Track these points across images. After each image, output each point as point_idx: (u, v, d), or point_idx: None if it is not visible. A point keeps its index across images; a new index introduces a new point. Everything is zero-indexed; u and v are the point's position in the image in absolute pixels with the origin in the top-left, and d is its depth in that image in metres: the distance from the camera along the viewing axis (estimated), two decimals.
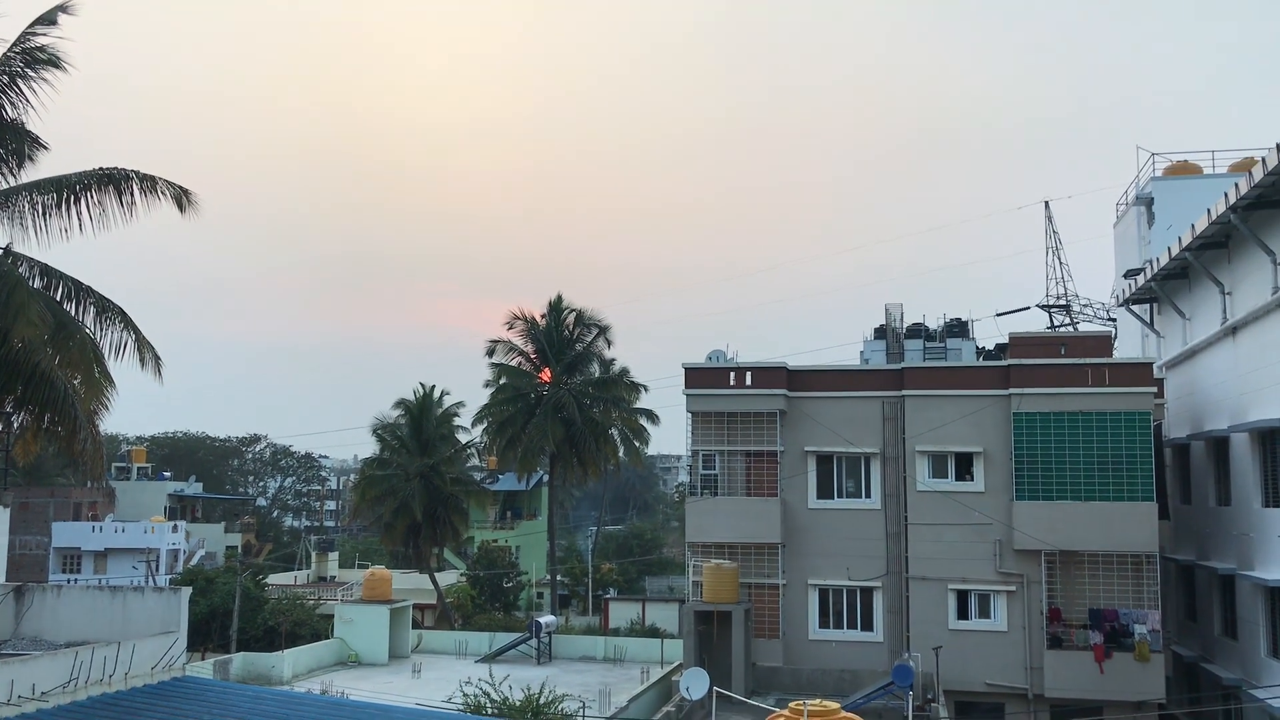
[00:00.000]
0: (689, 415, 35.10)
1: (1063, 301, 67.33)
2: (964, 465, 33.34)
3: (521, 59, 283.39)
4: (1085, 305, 66.74)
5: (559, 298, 53.22)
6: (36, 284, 20.47)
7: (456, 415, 56.01)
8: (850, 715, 15.40)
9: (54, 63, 20.50)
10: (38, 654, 12.76)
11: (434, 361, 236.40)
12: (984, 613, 32.70)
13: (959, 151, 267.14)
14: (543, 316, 53.11)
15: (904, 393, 33.78)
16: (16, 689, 11.76)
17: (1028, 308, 66.64)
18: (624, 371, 53.70)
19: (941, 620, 32.73)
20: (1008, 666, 32.15)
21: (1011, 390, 32.53)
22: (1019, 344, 33.90)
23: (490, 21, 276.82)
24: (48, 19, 20.39)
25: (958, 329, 37.50)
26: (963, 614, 32.83)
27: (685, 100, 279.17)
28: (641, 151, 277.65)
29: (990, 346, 38.53)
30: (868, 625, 33.78)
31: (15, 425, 20.05)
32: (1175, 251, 31.63)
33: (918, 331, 37.56)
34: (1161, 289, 35.31)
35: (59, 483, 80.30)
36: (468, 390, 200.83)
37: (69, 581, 61.78)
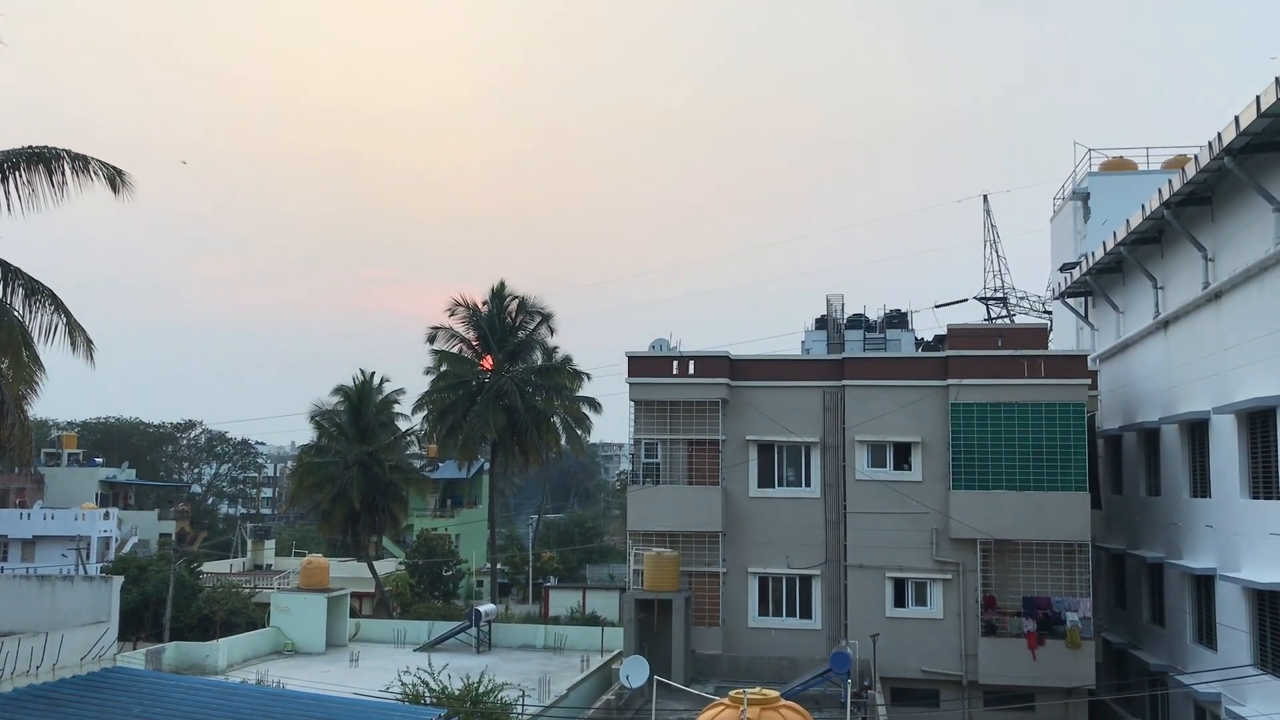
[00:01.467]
0: (632, 404, 35.10)
1: (1000, 294, 68.39)
2: (902, 455, 33.70)
3: (463, 47, 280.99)
4: (1022, 298, 67.86)
5: (501, 284, 52.95)
6: None
7: (397, 402, 55.50)
8: (789, 703, 15.50)
9: None
10: None
11: (374, 348, 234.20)
12: (920, 600, 33.12)
13: (901, 146, 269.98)
14: (485, 303, 52.79)
15: (844, 383, 34.05)
16: None
17: (966, 300, 67.64)
18: (567, 359, 53.58)
19: (879, 608, 33.10)
20: (943, 654, 32.60)
21: (950, 381, 32.93)
22: (957, 336, 34.33)
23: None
24: None
25: (897, 320, 37.91)
26: (900, 602, 33.22)
27: (636, 89, 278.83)
28: (590, 143, 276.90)
29: (929, 338, 39.02)
30: (806, 613, 34.06)
31: None
32: (1110, 246, 32.19)
33: (858, 322, 37.92)
34: (1096, 282, 35.93)
35: None
36: (410, 378, 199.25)
37: None
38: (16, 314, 20.43)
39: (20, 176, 20.28)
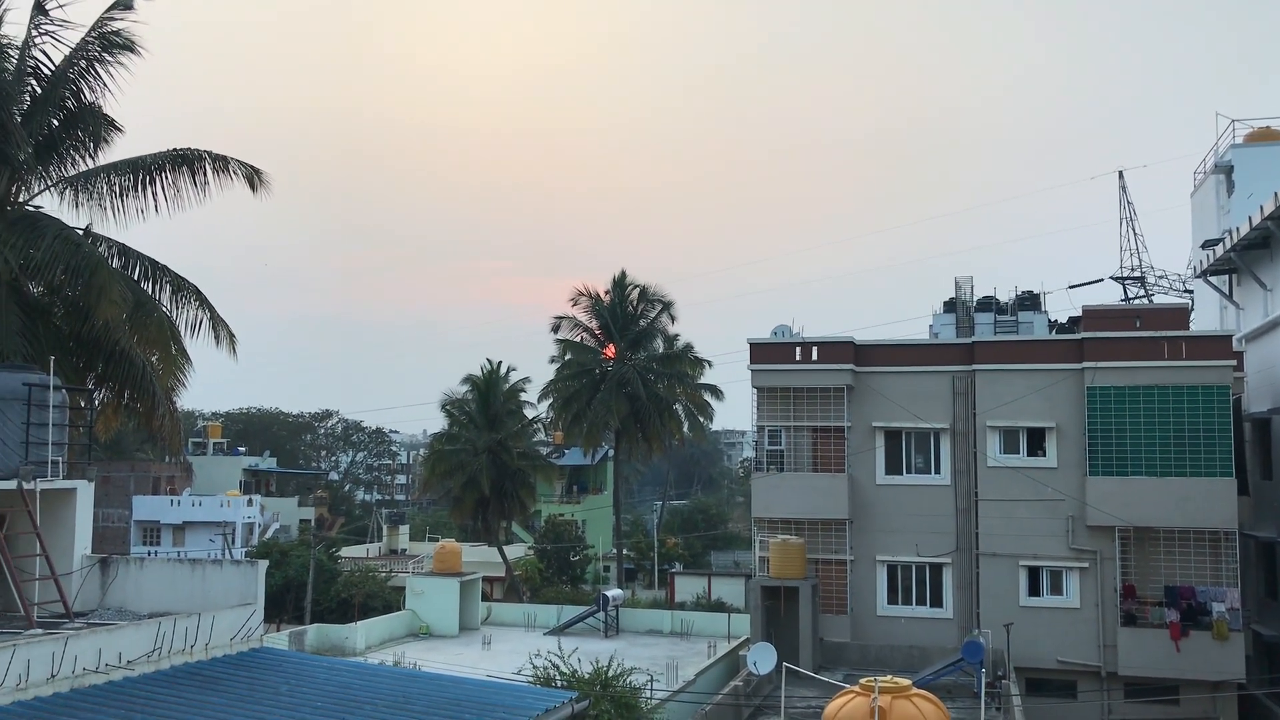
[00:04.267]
0: (754, 391, 34.96)
1: (1138, 273, 65.87)
2: (1036, 440, 32.84)
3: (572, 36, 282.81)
4: (1160, 277, 65.22)
5: (623, 274, 53.38)
6: (115, 264, 20.93)
7: (523, 391, 56.48)
8: (922, 691, 15.30)
9: (129, 47, 20.88)
10: (124, 624, 13.11)
11: (497, 338, 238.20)
12: (1056, 589, 32.26)
13: (1034, 122, 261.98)
14: (607, 293, 53.30)
15: (974, 367, 33.32)
16: (104, 657, 12.11)
17: (1101, 280, 65.30)
18: (688, 347, 53.78)
19: (1012, 597, 32.36)
20: (1080, 644, 31.71)
21: (1085, 364, 31.94)
22: (1093, 317, 33.23)
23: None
24: (123, 4, 20.74)
25: (1029, 302, 36.85)
26: (1034, 591, 32.42)
27: (748, 74, 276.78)
28: (707, 131, 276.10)
29: (1063, 320, 37.83)
30: (937, 601, 33.50)
31: (97, 401, 20.58)
32: (1256, 220, 30.76)
33: (988, 305, 36.98)
34: (1241, 259, 34.35)
35: (139, 457, 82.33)
36: (532, 366, 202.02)
37: (149, 554, 63.44)
38: (165, 309, 21.43)
39: (166, 178, 21.26)
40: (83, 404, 18.20)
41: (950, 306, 38.05)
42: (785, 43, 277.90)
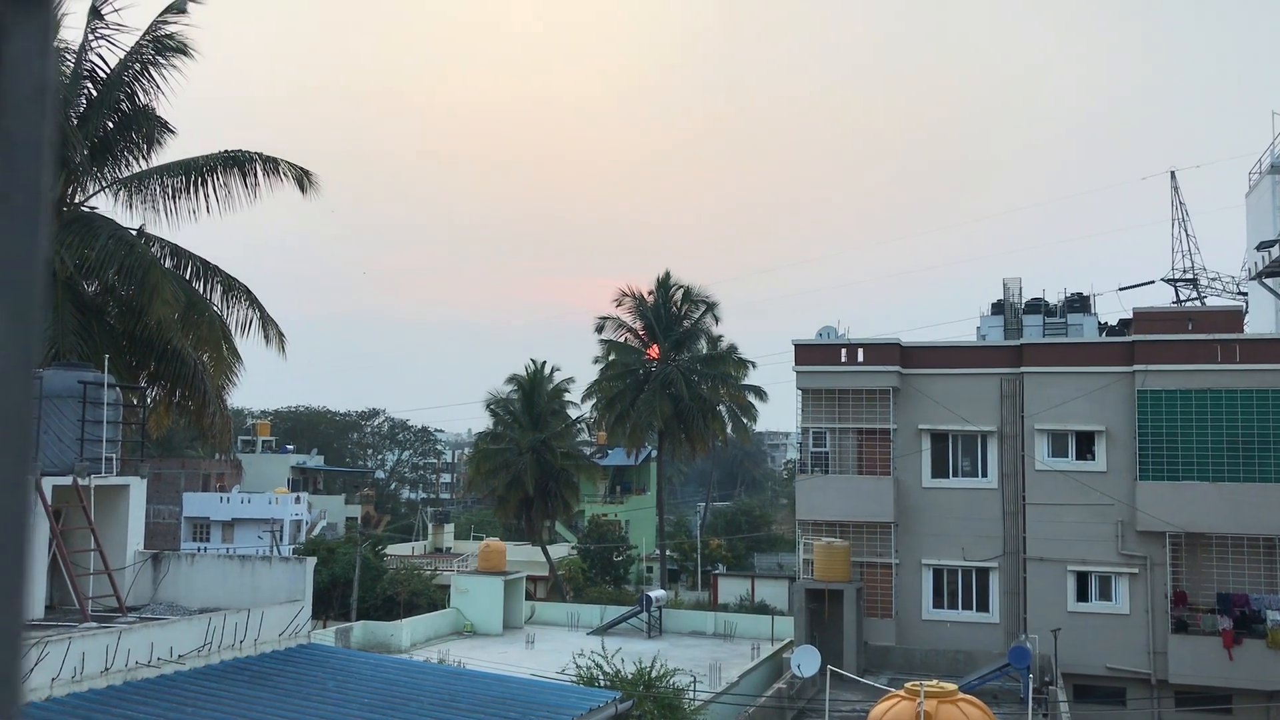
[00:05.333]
0: (799, 392, 34.82)
1: (1190, 275, 64.77)
2: (1085, 444, 32.43)
3: (613, 35, 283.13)
4: (1214, 279, 64.06)
5: (667, 274, 53.37)
6: (168, 264, 21.27)
7: (566, 391, 56.65)
8: (968, 696, 15.18)
9: (182, 50, 21.20)
10: (175, 619, 13.32)
11: (540, 338, 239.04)
12: (1105, 595, 31.84)
13: (1081, 121, 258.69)
14: (650, 293, 53.32)
15: (1023, 369, 32.96)
16: (156, 651, 12.31)
17: (1153, 282, 64.28)
18: (732, 348, 53.65)
19: (1060, 602, 31.98)
20: (1129, 650, 31.26)
21: (1136, 367, 31.48)
22: (1144, 319, 32.77)
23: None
24: (177, 7, 21.05)
25: (1079, 304, 36.46)
26: (1082, 596, 32.01)
27: (795, 78, 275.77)
28: (747, 133, 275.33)
29: (1113, 322, 37.37)
30: (983, 606, 33.18)
31: (149, 399, 20.92)
32: None
33: (1037, 307, 36.63)
34: None
35: (189, 455, 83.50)
36: (575, 367, 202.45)
37: (199, 550, 64.37)
38: (216, 309, 21.75)
39: (217, 179, 21.57)
40: (135, 402, 18.50)
41: (998, 308, 37.72)
42: (835, 42, 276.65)
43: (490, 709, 12.77)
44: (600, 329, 53.56)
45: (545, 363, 56.38)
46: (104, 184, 21.74)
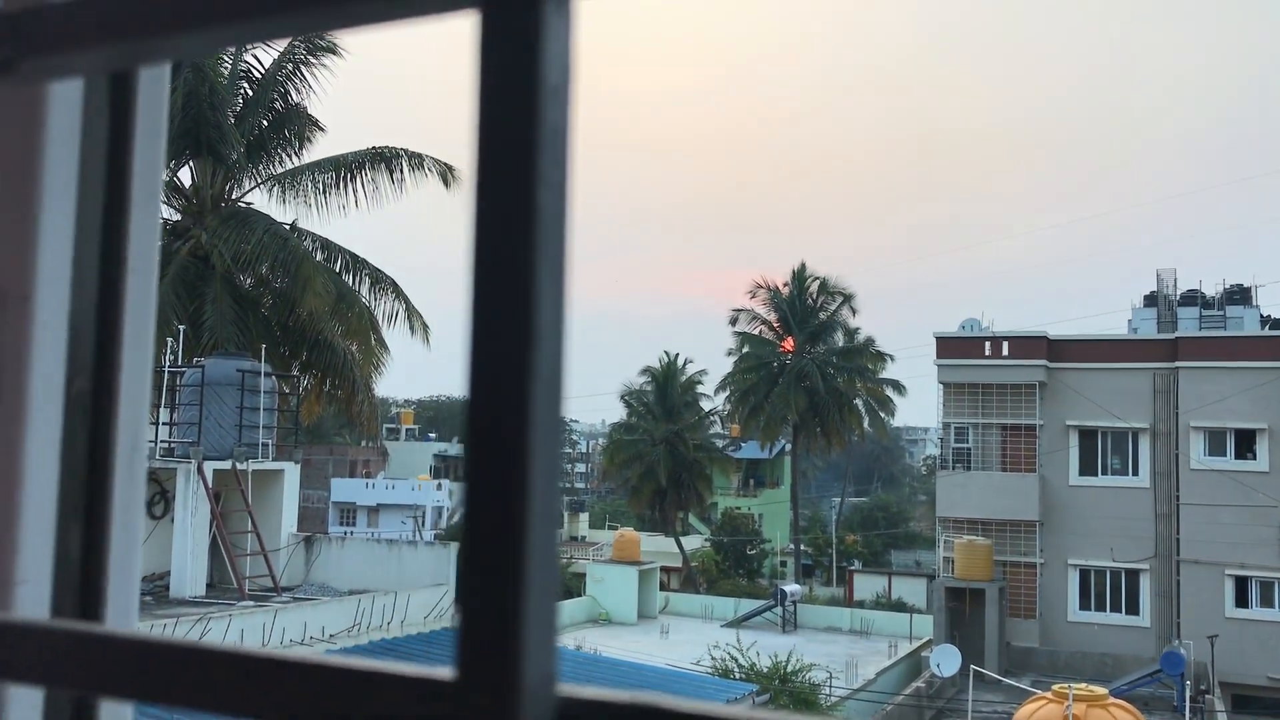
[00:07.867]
0: (940, 386, 34.09)
1: None
2: (1245, 443, 30.90)
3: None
4: None
5: (802, 266, 52.82)
6: (319, 257, 22.05)
7: (700, 383, 56.64)
8: (1119, 701, 14.64)
9: (332, 49, 21.94)
10: (327, 599, 13.82)
11: (673, 330, 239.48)
12: (1267, 601, 30.30)
13: (1238, 105, 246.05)
14: (785, 285, 52.88)
15: (1178, 364, 31.58)
16: (309, 630, 12.79)
17: None
18: (869, 341, 52.80)
19: (1217, 607, 30.55)
20: None
21: None
22: None
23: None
24: None
25: (1239, 296, 34.77)
26: (1242, 602, 30.53)
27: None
28: (891, 118, 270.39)
29: (1277, 315, 35.51)
30: (1132, 609, 31.96)
31: (301, 388, 21.76)
32: None
33: (1193, 299, 35.08)
34: None
35: (336, 441, 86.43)
36: (707, 359, 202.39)
37: (346, 534, 66.63)
38: (364, 301, 22.47)
39: (365, 175, 22.27)
40: (289, 390, 19.24)
41: (1151, 300, 36.25)
42: (962, 27, 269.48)
43: None
44: (734, 321, 53.40)
45: (678, 355, 56.56)
46: (259, 180, 22.66)
